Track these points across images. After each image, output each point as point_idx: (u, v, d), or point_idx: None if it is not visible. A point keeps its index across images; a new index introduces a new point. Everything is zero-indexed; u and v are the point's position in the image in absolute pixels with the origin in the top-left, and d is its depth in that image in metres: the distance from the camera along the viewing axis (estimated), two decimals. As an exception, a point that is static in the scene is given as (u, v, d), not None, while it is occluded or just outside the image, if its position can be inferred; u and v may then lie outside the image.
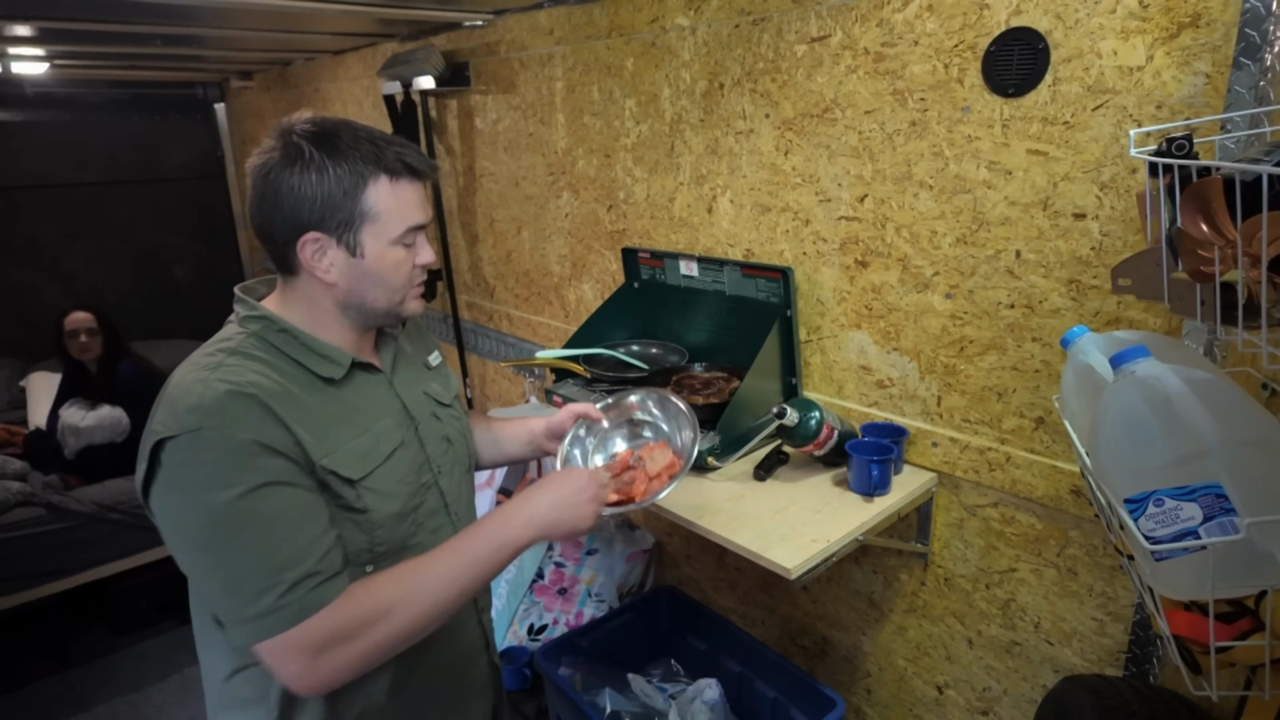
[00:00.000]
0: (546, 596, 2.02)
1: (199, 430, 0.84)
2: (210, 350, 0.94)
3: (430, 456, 1.06)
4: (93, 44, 2.55)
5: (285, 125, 0.93)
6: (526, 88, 2.16)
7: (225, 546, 0.85)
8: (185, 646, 2.81)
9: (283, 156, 0.91)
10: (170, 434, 0.85)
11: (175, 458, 0.85)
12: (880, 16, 1.33)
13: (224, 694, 1.00)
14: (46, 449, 2.90)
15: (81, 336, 2.87)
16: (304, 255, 0.93)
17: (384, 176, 0.93)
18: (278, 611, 0.84)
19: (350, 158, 0.91)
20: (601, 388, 1.72)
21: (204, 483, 0.84)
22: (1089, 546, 1.26)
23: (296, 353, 0.95)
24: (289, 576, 0.85)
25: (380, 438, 0.99)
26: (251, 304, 0.98)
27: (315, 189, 0.90)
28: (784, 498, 1.35)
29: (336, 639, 0.86)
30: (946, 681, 1.54)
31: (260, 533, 0.85)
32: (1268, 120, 0.92)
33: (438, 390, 1.13)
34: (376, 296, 0.97)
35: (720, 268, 1.68)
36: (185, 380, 0.89)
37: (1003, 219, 1.25)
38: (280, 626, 0.84)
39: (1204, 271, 0.73)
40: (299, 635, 0.85)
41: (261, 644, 0.85)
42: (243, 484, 0.84)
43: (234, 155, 4.47)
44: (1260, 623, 0.72)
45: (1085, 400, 0.88)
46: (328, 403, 0.95)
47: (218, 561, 0.86)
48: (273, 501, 0.86)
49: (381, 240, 0.94)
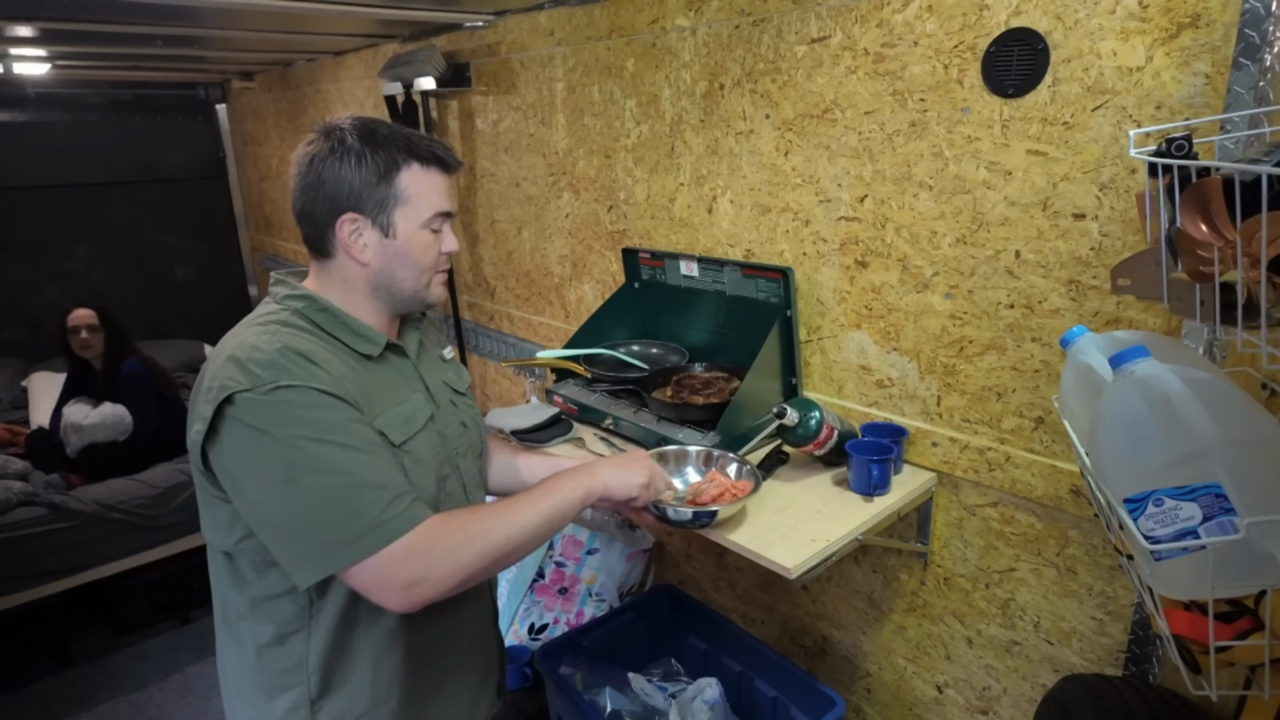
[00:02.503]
0: (547, 596, 2.03)
1: (276, 381, 0.89)
2: (260, 321, 0.99)
3: (449, 438, 1.11)
4: (94, 45, 2.56)
5: (330, 122, 1.02)
6: (527, 88, 2.16)
7: (324, 473, 0.88)
8: (186, 646, 2.81)
9: (326, 146, 0.99)
10: (243, 387, 0.88)
11: (254, 407, 0.88)
12: (880, 17, 1.34)
13: (257, 671, 1.02)
14: (48, 448, 2.90)
15: (83, 333, 2.87)
16: (341, 234, 1.00)
17: (416, 163, 1.01)
18: (389, 521, 0.89)
19: (387, 146, 0.99)
20: (602, 388, 1.73)
21: (290, 423, 0.88)
22: (1088, 546, 1.26)
23: (336, 330, 1.01)
24: (390, 492, 0.90)
25: (416, 408, 1.05)
26: (293, 284, 1.04)
27: (354, 173, 0.98)
28: (784, 497, 1.35)
29: (443, 546, 0.90)
30: (946, 681, 1.54)
31: (354, 458, 0.90)
32: (1267, 120, 0.92)
33: (453, 379, 1.19)
34: (405, 277, 1.04)
35: (720, 268, 1.68)
36: (248, 341, 0.93)
37: (1002, 219, 1.25)
38: (394, 534, 0.88)
39: (1203, 272, 0.73)
40: (410, 543, 0.89)
41: (369, 561, 0.88)
42: (328, 421, 0.90)
43: (235, 156, 4.48)
44: (1260, 622, 0.72)
45: (1085, 400, 0.88)
46: (368, 375, 1.01)
47: (314, 491, 0.88)
48: (359, 434, 0.92)
49: (412, 222, 1.02)
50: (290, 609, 0.99)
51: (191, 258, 4.44)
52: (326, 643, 1.00)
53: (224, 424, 0.89)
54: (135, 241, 4.22)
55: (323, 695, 1.02)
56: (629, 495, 1.09)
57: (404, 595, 0.89)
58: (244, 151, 4.39)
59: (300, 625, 0.99)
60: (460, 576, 0.91)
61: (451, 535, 0.92)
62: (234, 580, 1.01)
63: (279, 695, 1.02)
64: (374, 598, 0.91)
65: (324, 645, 1.00)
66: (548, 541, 1.80)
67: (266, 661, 1.01)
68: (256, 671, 1.02)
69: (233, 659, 1.06)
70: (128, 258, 4.21)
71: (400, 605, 0.90)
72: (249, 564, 0.98)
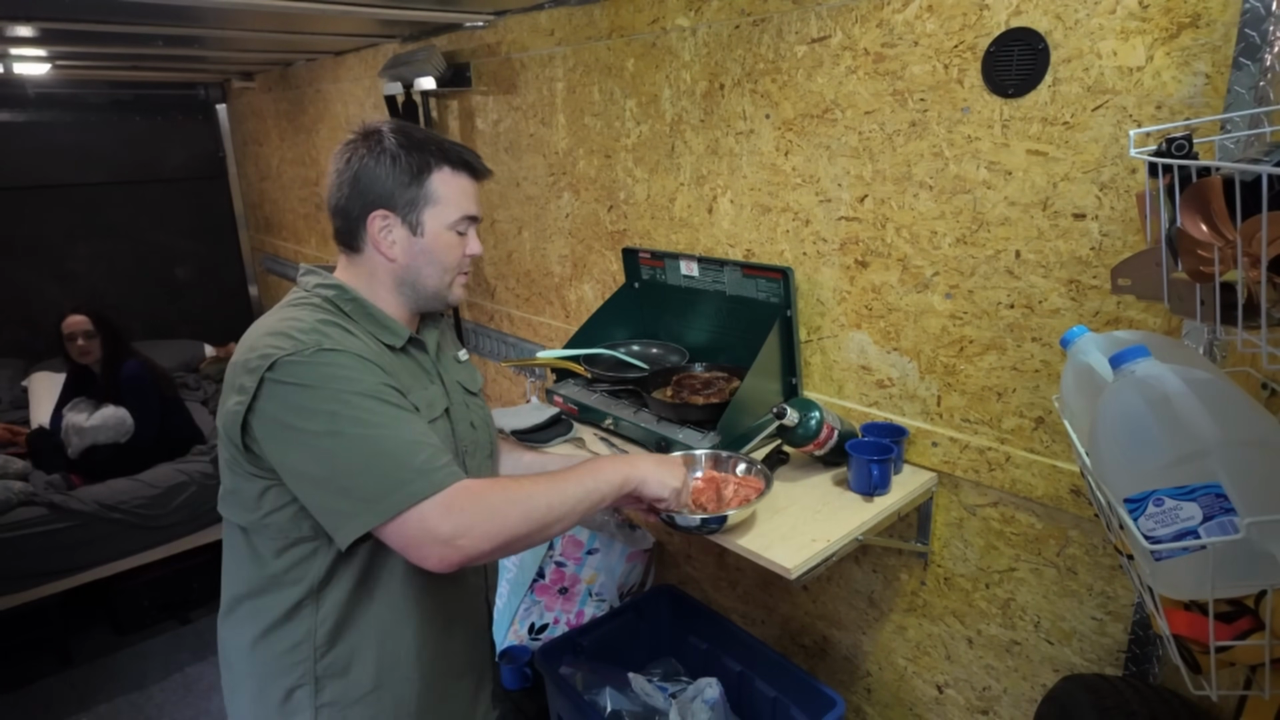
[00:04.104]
0: (547, 596, 2.03)
1: (320, 346, 0.93)
2: (292, 303, 1.04)
3: (459, 435, 1.13)
4: (94, 45, 2.56)
5: (370, 124, 1.07)
6: (527, 88, 2.16)
7: (371, 425, 0.91)
8: (186, 646, 2.81)
9: (366, 146, 1.04)
10: (286, 352, 0.91)
11: (298, 368, 0.91)
12: (880, 17, 1.34)
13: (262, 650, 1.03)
14: (49, 448, 2.90)
15: (79, 340, 2.86)
16: (372, 229, 1.04)
17: (447, 167, 1.06)
18: (432, 473, 0.90)
19: (421, 149, 1.04)
20: (602, 388, 1.72)
21: (334, 381, 0.92)
22: (1089, 546, 1.26)
23: (363, 319, 1.05)
24: (432, 448, 0.93)
25: (436, 396, 1.10)
26: (323, 274, 1.08)
27: (389, 172, 1.03)
28: (784, 497, 1.35)
29: (488, 505, 0.92)
30: (946, 681, 1.54)
31: (395, 414, 0.94)
32: (1267, 120, 0.92)
33: (467, 379, 1.22)
34: (429, 274, 1.08)
35: (720, 268, 1.68)
36: (285, 317, 0.98)
37: (1002, 219, 1.25)
38: (443, 482, 0.90)
39: (1204, 271, 0.73)
40: (456, 494, 0.90)
41: (413, 509, 0.89)
42: (369, 384, 0.94)
43: (235, 156, 4.48)
44: (1260, 622, 0.72)
45: (1085, 400, 0.88)
46: (394, 363, 1.05)
47: (361, 442, 0.90)
48: (397, 397, 0.96)
49: (440, 222, 1.06)
50: (303, 586, 1.01)
51: (191, 258, 4.44)
52: (334, 619, 1.02)
53: (265, 389, 0.91)
54: (135, 241, 4.22)
55: (327, 673, 1.03)
56: (660, 495, 1.09)
57: (444, 550, 0.89)
58: (244, 151, 4.39)
59: (310, 601, 1.01)
60: (502, 538, 0.92)
61: (494, 495, 0.94)
62: (251, 557, 1.03)
63: (283, 675, 1.03)
64: (413, 554, 0.91)
65: (331, 621, 1.02)
66: (547, 542, 1.80)
67: (272, 640, 1.02)
68: (262, 650, 1.03)
69: (236, 640, 1.07)
70: (128, 258, 4.21)
71: (439, 561, 0.90)
72: (268, 540, 1.00)
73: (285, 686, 1.03)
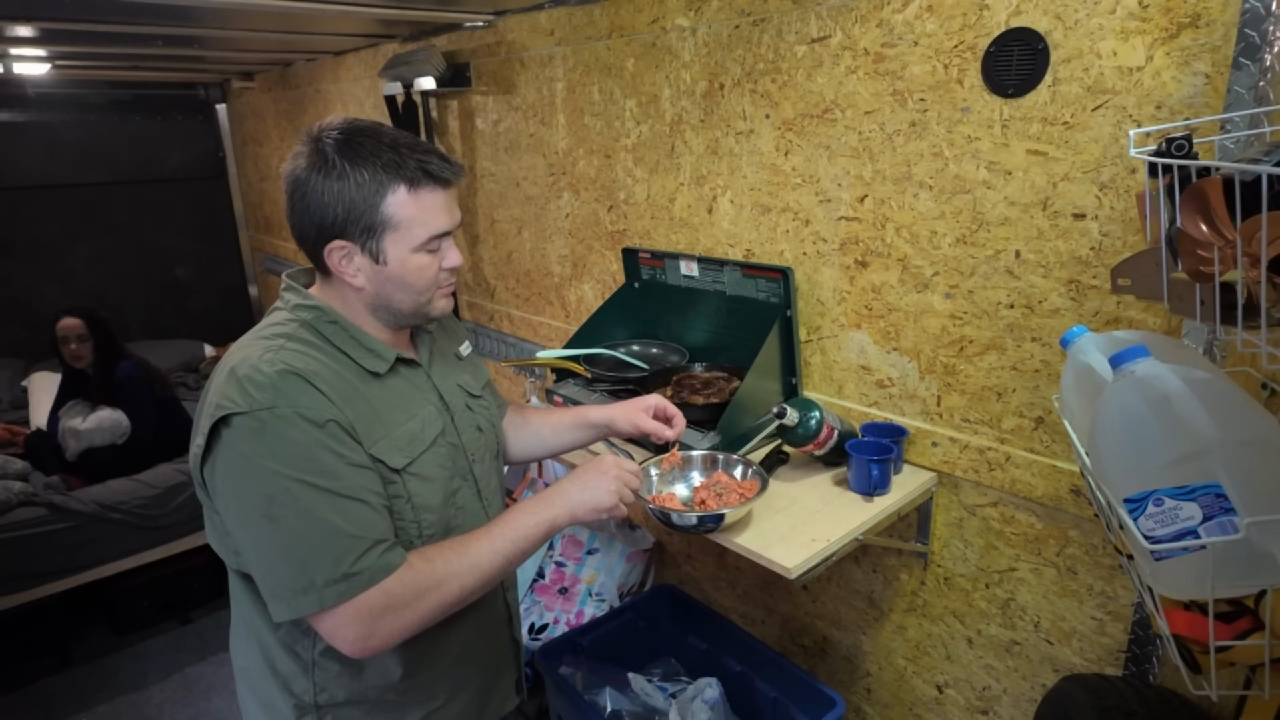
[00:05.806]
0: (547, 596, 2.03)
1: (272, 408, 0.87)
2: (267, 334, 0.97)
3: (465, 444, 1.10)
4: (94, 45, 2.56)
5: (316, 129, 0.96)
6: (527, 88, 2.16)
7: (301, 516, 0.87)
8: (186, 646, 2.81)
9: (309, 163, 0.94)
10: (239, 410, 0.87)
11: (245, 433, 0.87)
12: (880, 17, 1.34)
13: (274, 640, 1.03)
14: (48, 449, 2.90)
15: (72, 344, 2.84)
16: (331, 261, 0.97)
17: (403, 186, 0.94)
18: (353, 576, 0.88)
19: (371, 166, 0.93)
20: (602, 388, 1.72)
21: (277, 456, 0.87)
22: (1089, 546, 1.26)
23: (345, 345, 0.99)
24: (363, 543, 0.89)
25: (426, 423, 1.03)
26: (304, 293, 1.02)
27: (337, 198, 0.93)
28: (784, 497, 1.35)
29: (396, 604, 0.90)
30: (946, 681, 1.54)
31: (333, 503, 0.89)
32: (1267, 120, 0.92)
33: (469, 381, 1.17)
34: (402, 299, 1.00)
35: (720, 268, 1.68)
36: (250, 358, 0.91)
37: (1002, 219, 1.25)
38: (354, 590, 0.88)
39: (1203, 271, 0.73)
40: (367, 600, 0.88)
41: (327, 610, 0.88)
42: (316, 459, 0.88)
43: (235, 156, 4.48)
44: (1260, 622, 0.72)
45: (1085, 400, 0.88)
46: (374, 393, 0.99)
47: (289, 532, 0.88)
48: (346, 476, 0.90)
49: (404, 247, 0.97)
50: None
51: (191, 258, 4.44)
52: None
53: (218, 445, 0.89)
54: (135, 241, 4.21)
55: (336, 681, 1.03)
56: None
57: (353, 647, 0.90)
58: (244, 151, 4.39)
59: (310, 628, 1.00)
60: (414, 629, 0.92)
61: (408, 590, 0.91)
62: (242, 581, 1.02)
63: (294, 662, 1.02)
64: (330, 642, 0.92)
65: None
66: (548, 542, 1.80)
67: (285, 630, 1.01)
68: (274, 640, 1.03)
69: (246, 628, 1.06)
70: (128, 258, 4.21)
71: (353, 654, 0.92)
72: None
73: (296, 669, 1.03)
